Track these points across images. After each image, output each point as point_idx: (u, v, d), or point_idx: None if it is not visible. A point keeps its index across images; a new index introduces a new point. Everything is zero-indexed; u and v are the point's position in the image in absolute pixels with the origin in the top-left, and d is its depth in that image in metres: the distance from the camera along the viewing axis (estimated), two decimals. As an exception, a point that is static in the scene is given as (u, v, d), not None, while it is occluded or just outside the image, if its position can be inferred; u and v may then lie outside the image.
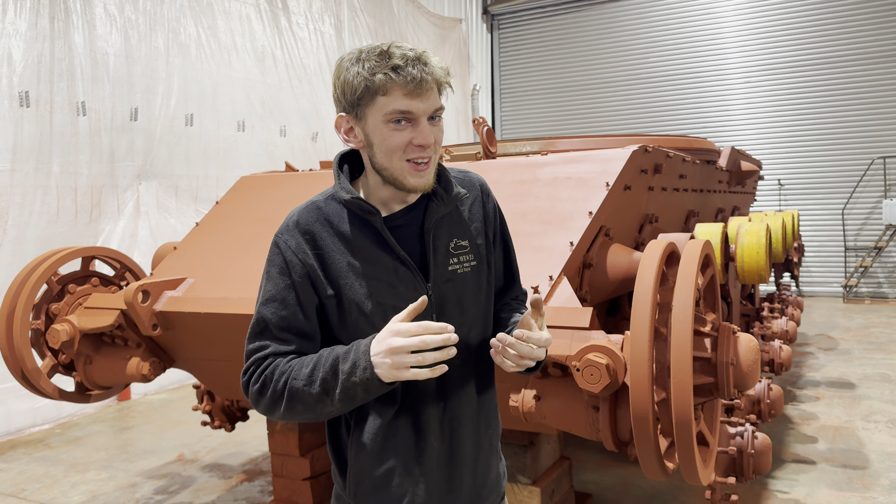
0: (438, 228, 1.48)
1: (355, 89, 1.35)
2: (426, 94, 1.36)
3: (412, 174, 1.39)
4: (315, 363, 1.34)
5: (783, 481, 4.20)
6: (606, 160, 3.12)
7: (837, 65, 11.39)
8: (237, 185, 3.94)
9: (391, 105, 1.34)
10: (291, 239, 1.43)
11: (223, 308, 2.93)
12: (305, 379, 1.33)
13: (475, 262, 1.53)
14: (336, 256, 1.41)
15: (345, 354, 1.32)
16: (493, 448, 1.60)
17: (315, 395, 1.32)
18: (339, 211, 1.44)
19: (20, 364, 3.33)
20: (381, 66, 1.32)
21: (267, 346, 1.40)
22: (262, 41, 8.50)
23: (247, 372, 1.41)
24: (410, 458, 1.46)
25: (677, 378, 2.03)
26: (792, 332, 5.56)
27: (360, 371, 1.28)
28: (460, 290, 1.50)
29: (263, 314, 1.42)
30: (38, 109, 5.93)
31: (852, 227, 11.59)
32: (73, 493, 4.49)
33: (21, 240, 5.83)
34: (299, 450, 3.78)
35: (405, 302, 1.37)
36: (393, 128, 1.36)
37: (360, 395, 1.31)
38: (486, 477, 1.58)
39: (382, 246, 1.43)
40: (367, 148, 1.41)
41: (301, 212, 1.47)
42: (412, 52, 1.35)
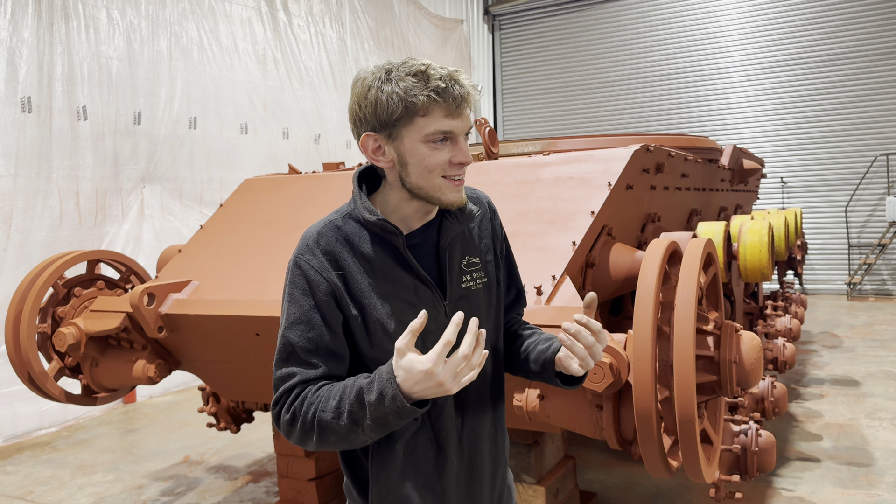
0: (452, 246, 1.50)
1: (391, 110, 1.33)
2: (464, 114, 1.37)
3: (450, 190, 1.41)
4: (341, 395, 1.31)
5: (788, 479, 4.20)
6: (608, 160, 3.13)
7: (839, 62, 11.38)
8: (241, 188, 3.96)
9: (432, 126, 1.34)
10: (313, 258, 1.40)
11: (228, 310, 2.94)
12: (333, 412, 1.30)
13: (485, 278, 1.55)
14: (358, 277, 1.40)
15: (368, 385, 1.28)
16: (505, 461, 1.62)
17: (345, 427, 1.30)
18: (358, 230, 1.43)
19: (27, 367, 3.35)
20: (420, 87, 1.32)
21: (294, 375, 1.37)
22: (264, 44, 8.53)
23: (277, 403, 1.38)
24: (431, 474, 1.47)
25: (680, 376, 2.04)
26: (796, 329, 5.56)
27: (389, 401, 1.25)
28: (474, 307, 1.51)
29: (289, 338, 1.38)
30: (39, 115, 5.96)
31: (856, 225, 11.58)
32: (79, 496, 4.51)
33: (25, 244, 5.86)
34: (305, 451, 3.79)
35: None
36: (433, 147, 1.36)
37: (394, 422, 1.29)
38: (502, 491, 1.60)
39: (402, 265, 1.43)
40: (399, 167, 1.40)
41: (320, 231, 1.44)
42: (446, 71, 1.36)
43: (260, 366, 3.16)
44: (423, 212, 1.47)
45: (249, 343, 3.01)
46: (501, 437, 1.60)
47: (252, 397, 3.50)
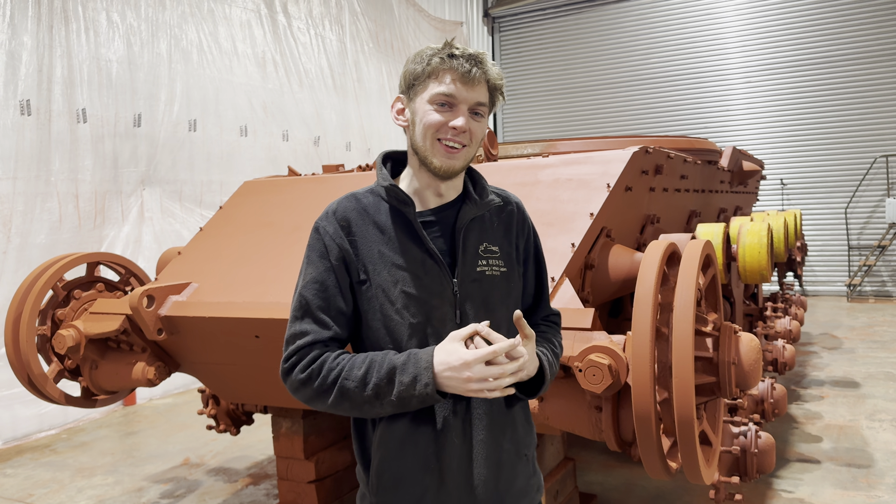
0: (469, 230, 1.55)
1: (416, 73, 1.48)
2: (472, 86, 1.45)
3: (440, 154, 1.47)
4: (368, 367, 1.40)
5: (788, 480, 4.20)
6: (607, 161, 3.13)
7: (839, 64, 11.39)
8: (241, 190, 3.96)
9: (439, 87, 1.45)
10: (329, 225, 1.51)
11: (228, 312, 2.94)
12: (358, 381, 1.39)
13: (505, 268, 1.58)
14: (369, 244, 1.50)
15: (402, 366, 1.38)
16: (520, 455, 1.60)
17: (366, 398, 1.39)
18: (377, 203, 1.54)
19: (26, 369, 3.35)
20: (440, 52, 1.46)
21: (307, 333, 1.46)
22: (263, 46, 8.54)
23: (289, 359, 1.46)
24: (431, 454, 1.49)
25: (679, 377, 2.04)
26: (795, 331, 5.56)
27: (422, 386, 1.35)
28: (486, 292, 1.54)
29: (305, 295, 1.49)
30: (38, 118, 5.97)
31: (855, 226, 11.58)
32: (79, 498, 4.51)
33: (25, 247, 5.87)
34: (304, 453, 3.79)
35: (429, 294, 1.48)
36: (434, 108, 1.46)
37: (415, 405, 1.39)
38: (511, 483, 1.58)
39: (413, 238, 1.50)
40: (411, 127, 1.51)
41: (340, 201, 1.56)
42: (472, 49, 1.48)
43: (259, 368, 3.16)
44: (435, 189, 1.54)
45: (249, 345, 3.01)
46: (512, 427, 1.59)
47: (252, 399, 3.50)
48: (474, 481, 1.51)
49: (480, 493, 1.52)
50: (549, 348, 1.60)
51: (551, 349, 1.61)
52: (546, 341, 1.62)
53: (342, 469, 4.02)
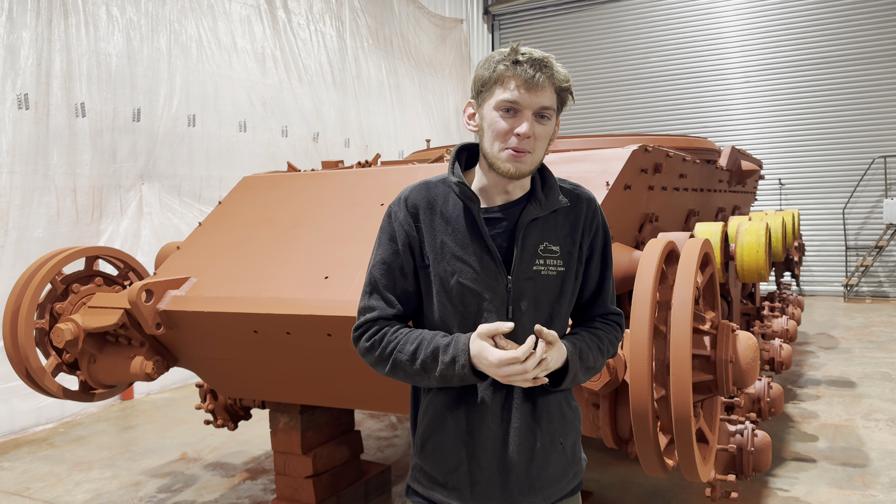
0: (531, 229, 1.59)
1: (484, 80, 1.53)
2: (536, 91, 1.48)
3: (507, 160, 1.52)
4: (419, 343, 1.54)
5: (783, 479, 4.22)
6: (606, 159, 3.14)
7: (837, 64, 11.40)
8: (240, 185, 3.96)
9: (503, 94, 1.49)
10: (400, 211, 1.62)
11: (226, 307, 2.95)
12: (409, 356, 1.53)
13: (563, 268, 1.61)
14: (434, 233, 1.58)
15: (445, 347, 1.50)
16: (555, 444, 1.64)
17: (416, 370, 1.54)
18: (447, 194, 1.61)
19: (25, 363, 3.36)
20: (505, 59, 1.49)
21: (374, 309, 1.60)
22: (263, 42, 8.53)
23: (358, 329, 1.63)
24: (467, 432, 1.59)
25: (676, 375, 2.05)
26: (792, 330, 5.58)
27: (459, 367, 1.48)
28: (539, 290, 1.59)
29: (374, 275, 1.62)
30: (36, 111, 5.96)
31: (853, 227, 11.60)
32: (76, 492, 4.51)
33: (22, 241, 5.86)
34: (302, 448, 3.80)
35: (482, 287, 1.55)
36: (500, 115, 1.51)
37: (457, 382, 1.52)
38: (543, 469, 1.62)
39: (475, 232, 1.56)
40: (480, 132, 1.58)
41: (412, 189, 1.65)
42: (539, 54, 1.50)
43: (258, 363, 3.17)
44: (502, 188, 1.59)
45: (247, 340, 3.02)
46: (548, 418, 1.62)
47: (250, 394, 3.51)
48: (506, 464, 1.60)
49: (509, 476, 1.60)
50: (591, 344, 1.62)
51: (596, 345, 1.63)
52: (594, 338, 1.64)
53: (340, 464, 4.03)
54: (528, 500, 1.61)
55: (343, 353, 2.80)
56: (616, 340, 1.71)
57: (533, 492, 1.62)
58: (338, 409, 4.06)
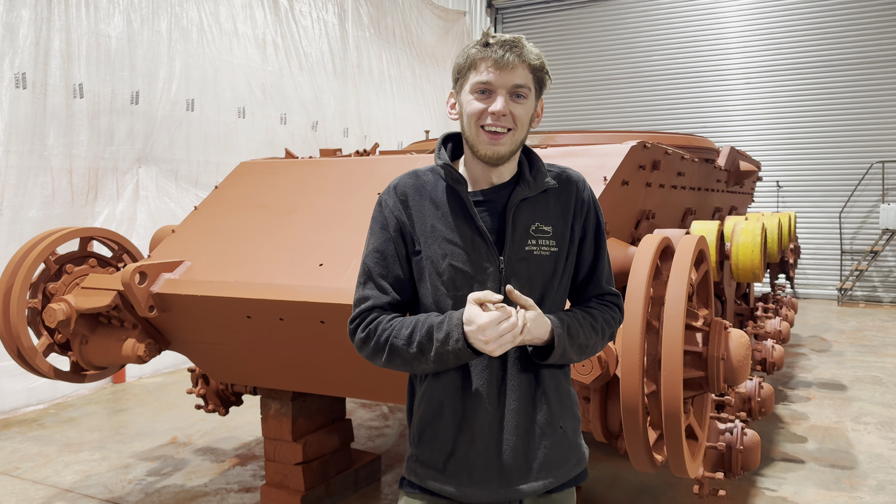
0: (521, 209, 1.60)
1: (459, 67, 1.57)
2: (508, 70, 1.50)
3: (485, 142, 1.54)
4: (414, 326, 1.53)
5: (771, 479, 4.23)
6: (605, 155, 3.13)
7: (838, 68, 11.40)
8: (237, 171, 3.95)
9: (476, 78, 1.53)
10: (390, 199, 1.64)
11: (220, 291, 2.94)
12: (405, 339, 1.53)
13: (556, 248, 1.61)
14: (424, 218, 1.60)
15: (439, 324, 1.50)
16: (554, 429, 1.63)
17: (412, 354, 1.52)
18: (436, 181, 1.64)
19: (16, 342, 3.34)
20: (477, 44, 1.53)
21: (368, 298, 1.61)
22: (264, 28, 8.49)
23: (353, 320, 1.62)
24: (465, 417, 1.60)
25: (668, 371, 2.05)
26: (785, 332, 5.60)
27: (454, 342, 1.46)
28: (532, 270, 1.60)
29: (367, 264, 1.64)
30: (34, 91, 5.92)
31: (849, 231, 11.63)
32: (66, 473, 4.51)
33: (17, 220, 5.83)
34: (292, 435, 3.80)
35: (476, 269, 1.56)
36: (475, 97, 1.53)
37: (452, 361, 1.50)
38: (541, 452, 1.61)
39: (465, 215, 1.58)
40: (460, 119, 1.60)
41: (402, 177, 1.67)
42: (509, 36, 1.53)
43: (250, 349, 3.16)
44: (489, 173, 1.60)
45: (240, 325, 3.01)
46: (546, 402, 1.62)
47: (242, 380, 3.50)
48: (503, 447, 1.59)
49: (507, 459, 1.59)
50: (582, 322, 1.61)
51: (588, 322, 1.62)
52: (587, 316, 1.63)
53: (329, 452, 4.03)
54: (528, 484, 1.60)
55: (336, 341, 2.80)
56: (613, 321, 1.69)
57: (532, 475, 1.60)
58: (329, 397, 4.06)
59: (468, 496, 1.60)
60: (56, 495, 4.17)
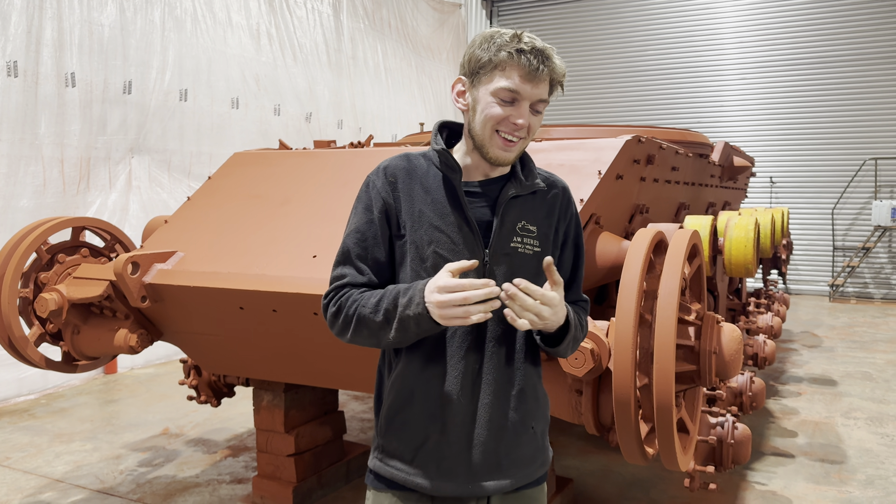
0: (510, 206, 1.60)
1: (482, 60, 1.51)
2: (537, 83, 1.49)
3: (498, 146, 1.53)
4: (382, 295, 1.50)
5: (761, 473, 4.26)
6: (599, 149, 3.13)
7: (833, 65, 11.42)
8: (230, 161, 3.93)
9: (504, 82, 1.49)
10: (378, 180, 1.61)
11: (212, 282, 2.93)
12: (372, 308, 1.49)
13: (539, 248, 1.62)
14: (412, 201, 1.58)
15: (405, 290, 1.47)
16: (526, 428, 1.63)
17: (378, 323, 1.48)
18: (427, 166, 1.62)
19: (7, 332, 3.33)
20: (509, 46, 1.48)
21: (345, 276, 1.58)
22: (258, 18, 8.43)
23: (327, 296, 1.59)
24: (437, 406, 1.57)
25: (660, 364, 2.06)
26: (777, 327, 5.62)
27: (415, 306, 1.43)
28: (516, 267, 1.59)
29: (347, 243, 1.60)
30: (25, 80, 5.87)
31: (841, 227, 11.68)
32: (57, 463, 4.50)
33: (7, 210, 5.79)
34: (285, 426, 3.80)
35: (459, 259, 1.53)
36: (497, 101, 1.50)
37: (413, 329, 1.45)
38: (512, 450, 1.61)
39: (454, 203, 1.57)
40: (470, 112, 1.56)
41: (393, 159, 1.65)
42: (540, 43, 1.50)
43: (243, 340, 3.15)
44: (484, 167, 1.60)
45: (233, 316, 3.00)
46: (521, 398, 1.62)
47: (234, 371, 3.50)
48: (474, 441, 1.58)
49: (478, 453, 1.58)
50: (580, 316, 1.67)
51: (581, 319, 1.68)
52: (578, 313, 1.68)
53: (322, 444, 4.03)
54: (496, 480, 1.60)
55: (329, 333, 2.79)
56: (586, 326, 1.73)
57: (500, 472, 1.60)
58: (322, 389, 4.06)
59: (436, 489, 1.58)
60: (47, 485, 4.16)
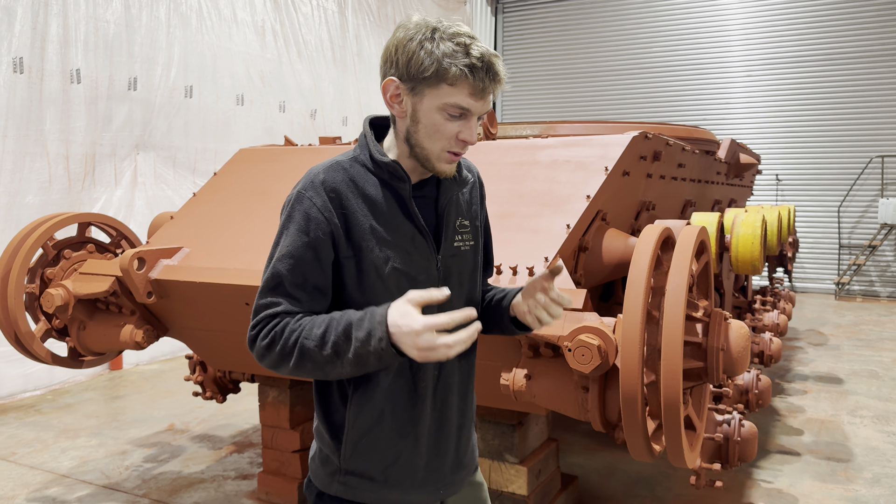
0: (450, 206, 1.56)
1: (424, 67, 1.35)
2: (486, 97, 1.41)
3: (445, 161, 1.46)
4: (327, 325, 1.34)
5: (767, 471, 4.25)
6: (606, 145, 3.12)
7: (839, 62, 11.37)
8: (235, 157, 3.93)
9: (454, 98, 1.37)
10: (317, 196, 1.42)
11: (218, 278, 2.93)
12: (317, 340, 1.33)
13: (472, 242, 1.62)
14: (360, 218, 1.43)
15: (358, 321, 1.32)
16: (472, 419, 1.69)
17: (326, 357, 1.33)
18: (364, 174, 1.47)
19: (14, 327, 3.33)
20: (457, 58, 1.34)
21: (279, 304, 1.40)
22: (263, 15, 8.43)
23: (255, 326, 1.41)
24: (406, 421, 1.52)
25: (667, 361, 2.05)
26: (783, 325, 5.60)
27: (376, 341, 1.28)
28: (461, 266, 1.58)
29: (279, 269, 1.41)
30: (30, 76, 5.88)
31: (847, 225, 11.63)
32: (63, 459, 4.51)
33: (13, 206, 5.80)
34: (290, 423, 3.80)
35: (417, 270, 1.49)
36: (446, 117, 1.40)
37: (373, 363, 1.32)
38: (467, 445, 1.68)
39: (405, 213, 1.48)
40: (410, 122, 1.43)
41: (326, 171, 1.46)
42: (486, 51, 1.37)
43: (248, 335, 3.15)
44: (420, 170, 1.51)
45: (238, 312, 3.00)
46: (471, 394, 1.67)
47: (239, 367, 3.50)
48: (443, 446, 1.59)
49: (447, 458, 1.60)
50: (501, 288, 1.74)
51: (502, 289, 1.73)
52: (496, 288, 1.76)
53: (327, 441, 4.03)
54: (458, 476, 1.65)
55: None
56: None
57: (461, 468, 1.65)
58: (327, 386, 4.06)
59: (411, 502, 1.55)
60: (53, 480, 4.17)
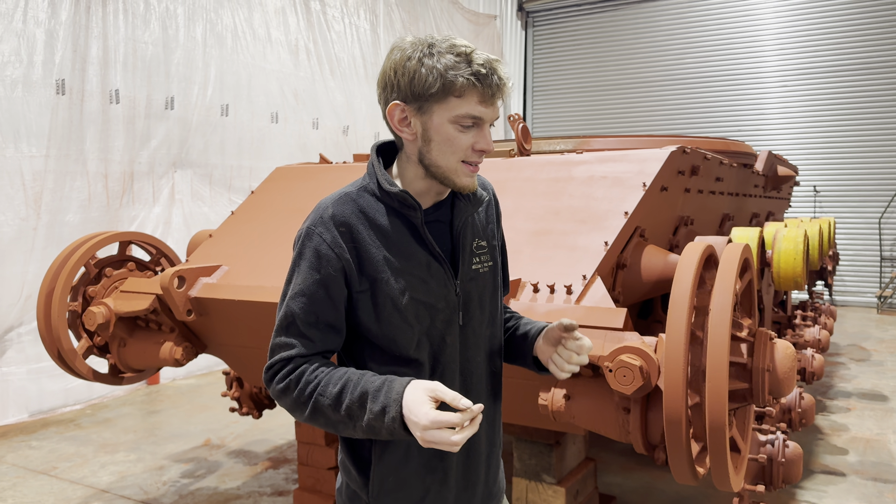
0: (465, 227, 1.51)
1: (428, 84, 1.33)
2: (496, 103, 1.38)
3: (466, 174, 1.41)
4: (343, 386, 1.33)
5: (812, 492, 4.13)
6: (644, 160, 3.08)
7: (876, 70, 11.13)
8: (272, 176, 3.98)
9: (464, 109, 1.35)
10: (326, 232, 1.39)
11: (257, 296, 2.96)
12: (332, 399, 1.32)
13: (491, 262, 1.58)
14: (372, 250, 1.40)
15: (374, 393, 1.30)
16: (500, 445, 1.66)
17: (339, 417, 1.33)
18: (374, 203, 1.43)
19: (57, 344, 3.40)
20: (461, 67, 1.32)
21: (293, 346, 1.38)
22: (297, 34, 8.56)
23: (271, 367, 1.41)
24: (433, 455, 1.48)
25: (712, 382, 2.00)
26: (824, 341, 5.46)
27: (389, 419, 1.27)
28: (481, 289, 1.54)
29: (292, 308, 1.39)
30: (71, 97, 6.03)
31: (889, 237, 11.34)
32: (102, 473, 4.57)
33: (54, 224, 5.94)
34: (326, 439, 3.81)
35: (435, 298, 1.44)
36: (459, 129, 1.37)
37: (385, 436, 1.31)
38: (496, 475, 1.64)
39: (418, 241, 1.43)
40: (422, 142, 1.40)
41: (335, 204, 1.43)
42: (487, 58, 1.35)
43: (285, 353, 3.17)
44: (435, 191, 1.47)
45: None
46: (498, 419, 1.64)
47: (275, 384, 3.51)
48: (472, 478, 1.55)
49: (478, 489, 1.57)
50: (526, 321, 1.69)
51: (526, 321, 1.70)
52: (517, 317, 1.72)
53: (362, 458, 4.02)
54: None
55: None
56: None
57: (490, 498, 1.62)
58: (362, 403, 4.06)
59: None
60: (93, 496, 4.23)
